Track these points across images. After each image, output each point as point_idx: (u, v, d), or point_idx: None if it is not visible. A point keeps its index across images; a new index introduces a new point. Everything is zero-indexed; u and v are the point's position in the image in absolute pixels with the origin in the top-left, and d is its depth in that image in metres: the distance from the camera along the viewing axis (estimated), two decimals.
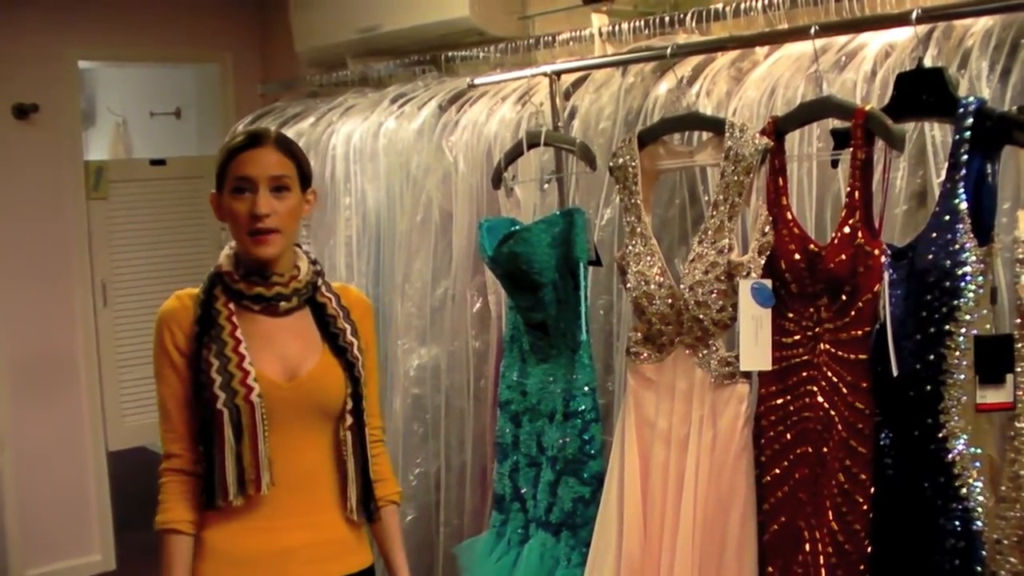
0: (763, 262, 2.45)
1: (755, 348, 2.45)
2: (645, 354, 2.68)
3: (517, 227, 3.04)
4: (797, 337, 2.43)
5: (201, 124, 6.76)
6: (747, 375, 2.51)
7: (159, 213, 6.11)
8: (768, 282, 2.45)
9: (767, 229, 2.46)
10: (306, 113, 4.64)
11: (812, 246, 2.38)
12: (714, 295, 2.50)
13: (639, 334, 2.69)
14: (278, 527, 2.41)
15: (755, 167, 2.48)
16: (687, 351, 2.60)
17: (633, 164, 2.69)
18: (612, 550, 2.68)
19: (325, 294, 2.50)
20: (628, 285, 2.68)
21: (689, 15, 3.12)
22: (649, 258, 2.64)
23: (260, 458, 2.34)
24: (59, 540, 5.67)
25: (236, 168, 2.36)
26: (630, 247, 2.69)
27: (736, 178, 2.50)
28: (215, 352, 2.36)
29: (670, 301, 2.58)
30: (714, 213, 2.53)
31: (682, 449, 2.59)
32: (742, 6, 3.00)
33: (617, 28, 3.37)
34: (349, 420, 2.45)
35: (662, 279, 2.61)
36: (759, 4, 2.96)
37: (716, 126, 2.60)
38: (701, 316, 2.52)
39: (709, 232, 2.54)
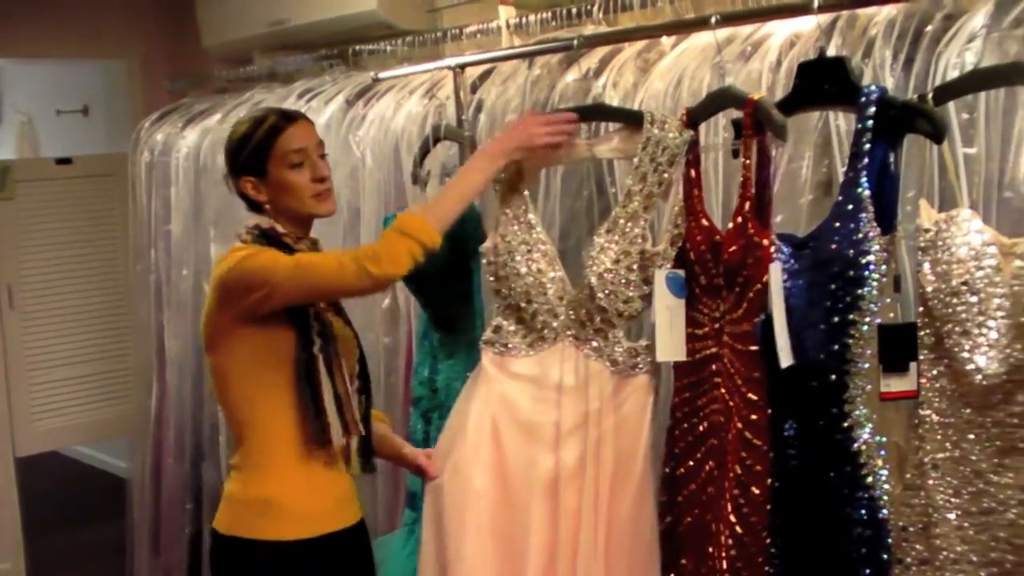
0: (675, 253, 2.44)
1: (670, 339, 2.43)
2: (517, 347, 2.61)
3: None
4: (707, 329, 2.41)
5: (109, 121, 6.63)
6: (655, 365, 2.50)
7: (67, 213, 5.95)
8: (682, 272, 2.43)
9: (679, 221, 2.44)
10: (213, 109, 4.60)
11: (717, 237, 2.36)
12: (623, 285, 2.47)
13: (509, 325, 2.62)
14: (338, 473, 2.58)
15: (679, 158, 2.46)
16: (575, 343, 2.55)
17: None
18: None
19: None
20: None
21: (596, 6, 3.10)
22: (540, 247, 2.59)
23: (352, 402, 2.51)
24: None
25: (287, 143, 2.52)
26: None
27: (655, 168, 2.46)
28: None
29: (560, 294, 2.55)
30: (627, 203, 2.49)
31: (572, 445, 2.53)
32: None
33: (524, 20, 3.36)
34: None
35: (554, 272, 2.57)
36: None
37: (633, 117, 2.54)
38: (606, 306, 2.48)
39: (620, 222, 2.49)
